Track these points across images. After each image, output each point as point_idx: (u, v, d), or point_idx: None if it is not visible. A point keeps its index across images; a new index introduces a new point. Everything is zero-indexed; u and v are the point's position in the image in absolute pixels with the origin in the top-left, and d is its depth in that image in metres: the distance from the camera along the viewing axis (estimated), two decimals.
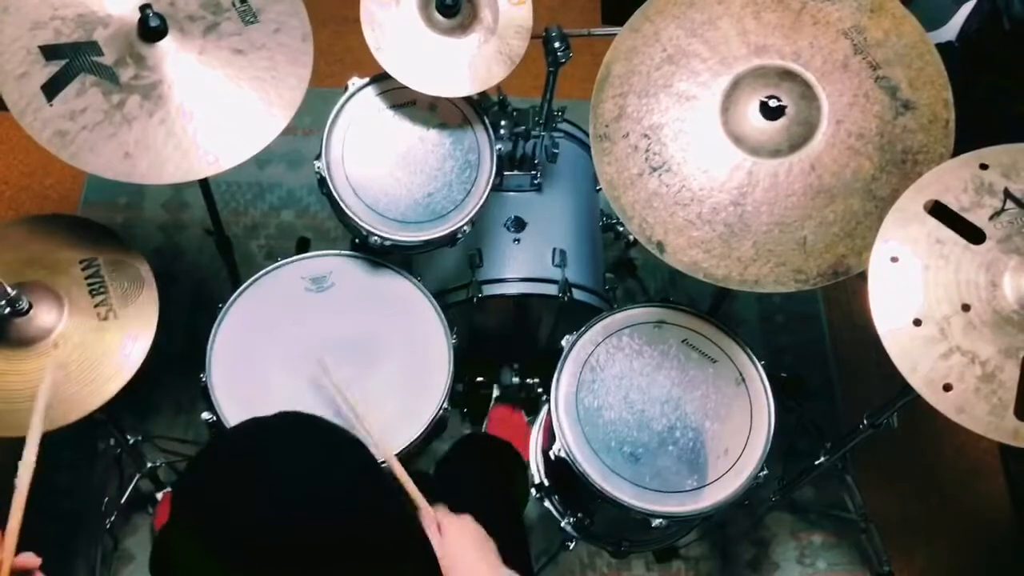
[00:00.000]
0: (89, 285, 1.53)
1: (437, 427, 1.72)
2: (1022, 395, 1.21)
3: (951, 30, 2.41)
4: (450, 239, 1.77)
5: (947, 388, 1.23)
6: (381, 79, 1.75)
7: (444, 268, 2.01)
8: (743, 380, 1.69)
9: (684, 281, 1.54)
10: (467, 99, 1.76)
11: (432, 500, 1.24)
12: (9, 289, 1.42)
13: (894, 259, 1.28)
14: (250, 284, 1.77)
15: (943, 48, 2.16)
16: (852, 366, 2.54)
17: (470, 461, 1.85)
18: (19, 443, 1.33)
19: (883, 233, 1.30)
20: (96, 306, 1.52)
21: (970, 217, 1.28)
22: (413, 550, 0.97)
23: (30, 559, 1.11)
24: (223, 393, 1.66)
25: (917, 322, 1.25)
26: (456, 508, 1.19)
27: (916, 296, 1.26)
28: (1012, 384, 1.22)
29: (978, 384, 1.22)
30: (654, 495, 1.59)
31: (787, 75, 1.46)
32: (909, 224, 1.29)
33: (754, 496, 2.03)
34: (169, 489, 2.16)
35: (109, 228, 1.61)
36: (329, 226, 2.62)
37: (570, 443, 1.62)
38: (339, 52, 2.67)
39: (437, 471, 1.80)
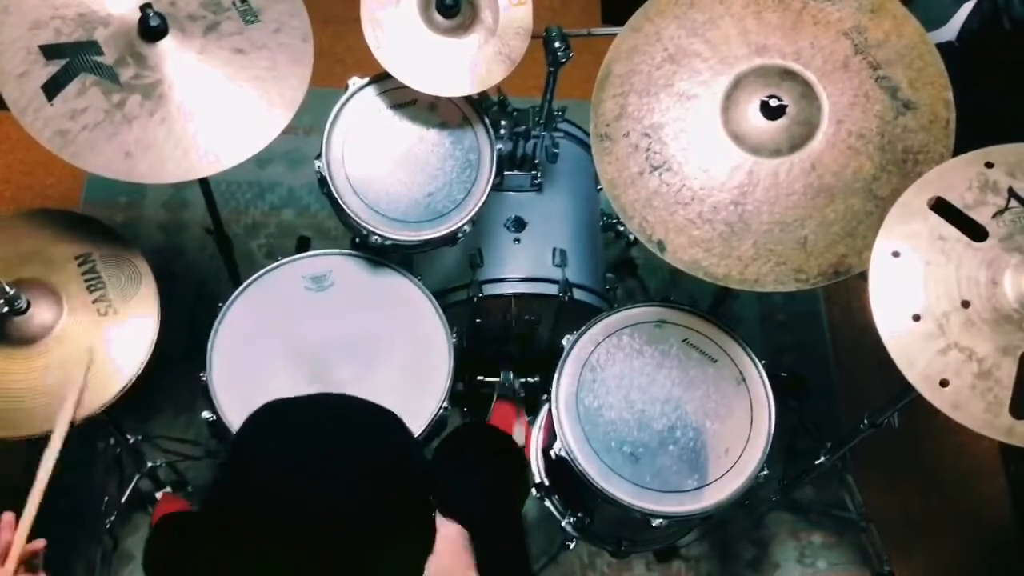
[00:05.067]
0: (86, 281, 1.52)
1: (437, 426, 1.72)
2: (1018, 393, 1.21)
3: (951, 30, 2.41)
4: (450, 239, 1.77)
5: (944, 384, 1.23)
6: (381, 79, 1.75)
7: (444, 268, 2.01)
8: (743, 380, 1.69)
9: (684, 280, 1.53)
10: (467, 99, 1.76)
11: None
12: (7, 287, 1.41)
13: (895, 254, 1.28)
14: (250, 283, 1.77)
15: (943, 48, 2.15)
16: (852, 366, 2.54)
17: (469, 452, 1.85)
18: (24, 442, 1.33)
19: (886, 228, 1.30)
20: (95, 302, 1.51)
21: (973, 215, 1.29)
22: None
23: (36, 543, 1.12)
24: (223, 392, 1.66)
25: (916, 317, 1.25)
26: (453, 502, 1.18)
27: (916, 292, 1.26)
28: (1008, 382, 1.22)
29: (975, 381, 1.23)
30: (654, 495, 1.59)
31: (788, 75, 1.46)
32: (912, 220, 1.30)
33: (754, 496, 2.03)
34: (168, 489, 2.16)
35: (102, 222, 1.61)
36: (329, 225, 2.61)
37: (570, 442, 1.62)
38: (340, 52, 2.67)
39: (434, 460, 1.80)
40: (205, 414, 1.68)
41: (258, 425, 0.93)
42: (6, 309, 1.43)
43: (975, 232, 1.28)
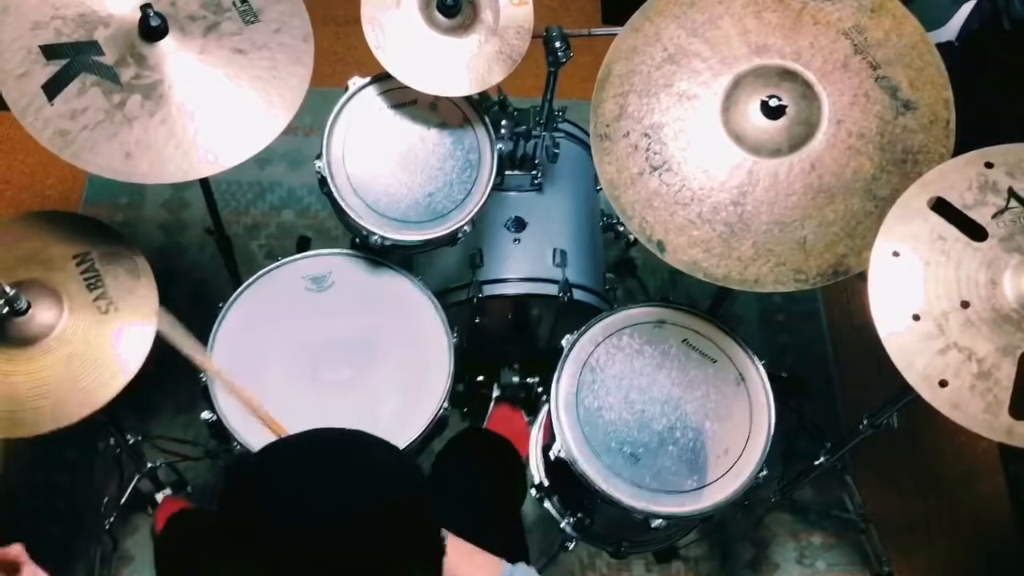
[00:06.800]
0: (85, 280, 1.52)
1: (437, 427, 1.72)
2: (1018, 394, 1.21)
3: (951, 30, 2.41)
4: (450, 239, 1.77)
5: (943, 384, 1.23)
6: (382, 79, 1.75)
7: (445, 268, 2.01)
8: (743, 380, 1.69)
9: (684, 281, 1.54)
10: (468, 99, 1.76)
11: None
12: (7, 288, 1.41)
13: (895, 254, 1.28)
14: (251, 283, 1.77)
15: (943, 48, 2.16)
16: (852, 366, 2.54)
17: (467, 457, 1.85)
18: (27, 443, 1.34)
19: (885, 228, 1.30)
20: (95, 300, 1.51)
21: (973, 215, 1.29)
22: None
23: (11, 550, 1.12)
24: (223, 393, 1.66)
25: (916, 317, 1.25)
26: (453, 506, 1.21)
27: (916, 292, 1.26)
28: (1008, 382, 1.22)
29: (974, 381, 1.23)
30: (654, 495, 1.59)
31: (788, 75, 1.46)
32: (912, 220, 1.30)
33: (754, 496, 2.04)
34: (169, 491, 2.16)
35: (99, 221, 1.61)
36: (330, 225, 2.62)
37: (570, 443, 1.62)
38: (340, 52, 2.68)
39: (434, 467, 1.80)
40: (205, 415, 1.68)
41: (269, 461, 0.95)
42: (6, 310, 1.43)
43: (975, 232, 1.28)
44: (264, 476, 0.94)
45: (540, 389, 2.19)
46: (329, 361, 1.71)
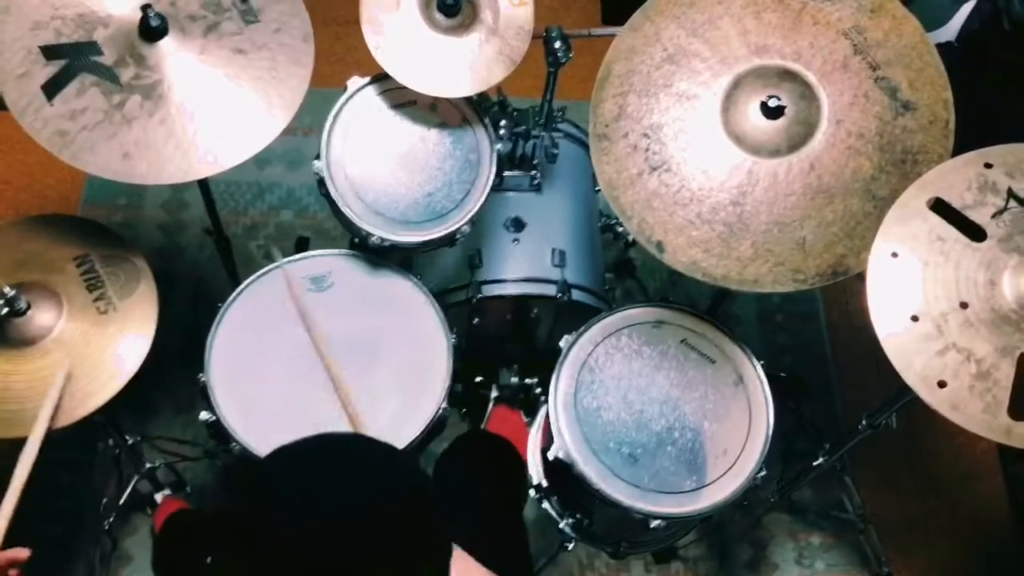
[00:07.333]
0: (85, 281, 1.53)
1: (436, 427, 1.72)
2: (1016, 394, 1.22)
3: (951, 30, 2.41)
4: (449, 239, 1.77)
5: (941, 385, 1.23)
6: (381, 79, 1.75)
7: (444, 268, 2.01)
8: (742, 380, 1.69)
9: (683, 281, 1.54)
10: (467, 99, 1.76)
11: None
12: (7, 289, 1.41)
13: (894, 255, 1.29)
14: (249, 284, 1.77)
15: (943, 48, 2.16)
16: (851, 366, 2.54)
17: (470, 459, 1.86)
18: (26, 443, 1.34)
19: (884, 229, 1.30)
20: (95, 301, 1.52)
21: (972, 215, 1.29)
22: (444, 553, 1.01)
23: (19, 552, 1.12)
24: (222, 393, 1.66)
25: (915, 318, 1.25)
26: (454, 509, 1.20)
27: (915, 292, 1.26)
28: (1007, 383, 1.22)
29: (973, 382, 1.23)
30: (653, 496, 1.59)
31: (787, 75, 1.46)
32: (911, 221, 1.30)
33: (753, 496, 2.03)
34: (168, 491, 2.16)
35: (100, 224, 1.61)
36: (329, 226, 2.61)
37: (569, 444, 1.62)
38: (340, 52, 2.67)
39: (436, 469, 1.81)
40: (204, 415, 1.68)
41: (273, 464, 0.96)
42: (6, 311, 1.43)
43: (974, 233, 1.28)
44: (268, 479, 0.94)
45: (539, 390, 2.19)
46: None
